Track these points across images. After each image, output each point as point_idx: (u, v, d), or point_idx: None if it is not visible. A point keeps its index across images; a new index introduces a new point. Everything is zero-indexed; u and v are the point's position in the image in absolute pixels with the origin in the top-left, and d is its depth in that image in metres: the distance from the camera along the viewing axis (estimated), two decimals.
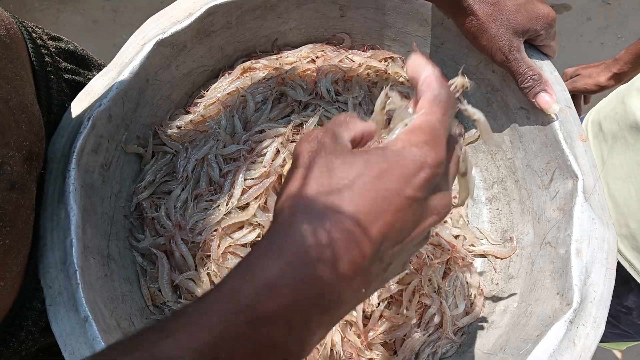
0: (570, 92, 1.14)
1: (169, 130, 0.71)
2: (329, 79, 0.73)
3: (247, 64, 0.74)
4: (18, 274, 0.51)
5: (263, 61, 0.74)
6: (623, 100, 0.90)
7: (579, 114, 1.20)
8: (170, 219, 0.66)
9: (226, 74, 0.74)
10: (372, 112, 0.72)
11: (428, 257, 0.66)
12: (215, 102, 0.72)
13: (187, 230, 0.65)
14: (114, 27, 2.00)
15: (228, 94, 0.72)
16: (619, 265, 0.88)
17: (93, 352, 0.51)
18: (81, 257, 0.55)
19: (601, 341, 1.18)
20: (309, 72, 0.74)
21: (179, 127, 0.71)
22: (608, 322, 1.05)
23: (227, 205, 0.66)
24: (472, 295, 0.67)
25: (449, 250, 0.67)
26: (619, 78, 1.08)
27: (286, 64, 0.74)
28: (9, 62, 0.50)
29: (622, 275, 0.90)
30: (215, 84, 0.74)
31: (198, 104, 0.73)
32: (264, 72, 0.73)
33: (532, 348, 0.52)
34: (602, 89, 1.13)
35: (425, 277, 0.65)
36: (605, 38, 2.13)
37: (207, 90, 0.74)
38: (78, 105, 0.63)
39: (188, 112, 0.73)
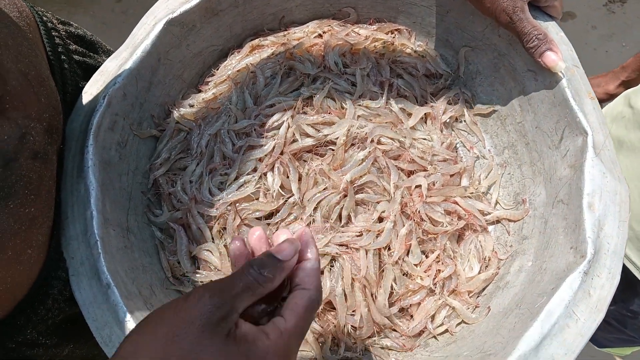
0: None
1: (182, 109, 0.72)
2: (336, 52, 0.74)
3: (256, 41, 0.75)
4: (43, 243, 0.53)
5: (271, 38, 0.76)
6: (630, 103, 0.89)
7: None
8: (186, 193, 0.68)
9: (235, 53, 0.76)
10: (380, 82, 0.73)
11: (443, 224, 0.66)
12: (225, 79, 0.74)
13: (203, 203, 0.67)
14: (124, 29, 2.03)
15: (238, 71, 0.74)
16: (624, 268, 0.86)
17: (117, 319, 0.53)
18: (101, 228, 0.56)
19: (606, 346, 1.17)
20: (316, 46, 0.75)
21: (191, 106, 0.73)
22: (613, 327, 1.04)
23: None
24: (487, 258, 0.67)
25: (465, 216, 0.68)
26: (628, 85, 1.08)
27: (294, 39, 0.75)
28: (24, 39, 0.52)
29: (627, 279, 0.89)
30: (225, 62, 0.75)
31: (209, 82, 0.75)
32: (272, 49, 0.75)
33: (547, 301, 0.52)
34: (611, 97, 1.13)
35: (441, 245, 0.66)
36: (609, 46, 2.12)
37: (218, 69, 0.75)
38: (93, 86, 0.64)
39: (200, 91, 0.75)
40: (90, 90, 0.64)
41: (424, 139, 0.71)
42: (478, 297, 0.65)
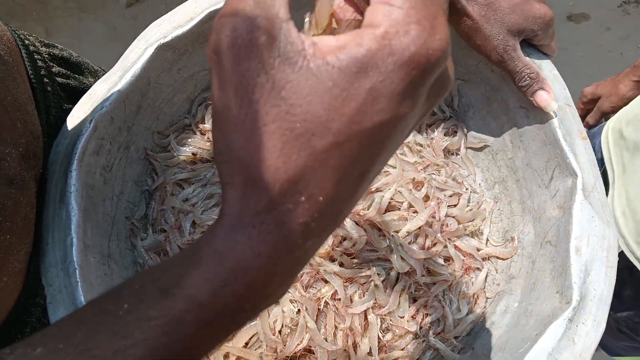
0: (600, 117, 1.13)
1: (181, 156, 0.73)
2: None
3: None
4: (20, 271, 0.52)
5: None
6: None
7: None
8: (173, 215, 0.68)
9: None
10: None
11: (442, 274, 0.66)
12: None
13: (181, 233, 0.66)
14: (134, 34, 2.06)
15: None
16: (636, 274, 0.85)
17: None
18: (81, 255, 0.55)
19: (618, 354, 1.15)
20: None
21: (194, 154, 0.73)
22: (625, 335, 1.03)
23: None
24: (475, 297, 0.66)
25: (463, 260, 0.67)
26: None
27: None
28: (1, 64, 0.51)
29: (639, 286, 0.87)
30: None
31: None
32: None
33: (531, 347, 0.51)
34: (628, 102, 1.11)
35: (434, 292, 0.65)
36: (624, 48, 2.10)
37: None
38: (81, 108, 0.64)
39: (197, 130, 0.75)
40: (77, 113, 0.64)
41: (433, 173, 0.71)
42: (463, 338, 0.64)
